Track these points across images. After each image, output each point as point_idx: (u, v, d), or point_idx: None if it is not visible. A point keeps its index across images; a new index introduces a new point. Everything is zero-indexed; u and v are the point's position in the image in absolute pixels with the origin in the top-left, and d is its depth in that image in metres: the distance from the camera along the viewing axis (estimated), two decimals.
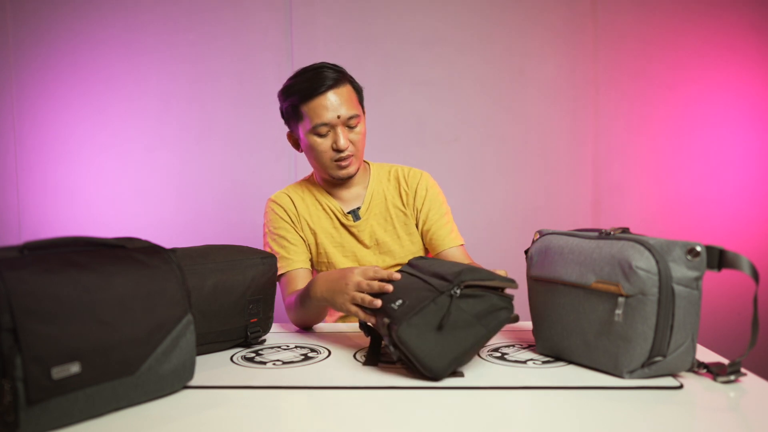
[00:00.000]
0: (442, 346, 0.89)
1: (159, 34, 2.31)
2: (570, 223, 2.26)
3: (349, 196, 1.45)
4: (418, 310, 0.89)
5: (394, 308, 0.92)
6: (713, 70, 2.28)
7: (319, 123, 1.33)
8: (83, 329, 0.73)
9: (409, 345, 0.88)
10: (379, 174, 1.49)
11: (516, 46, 2.30)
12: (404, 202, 1.46)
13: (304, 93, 1.33)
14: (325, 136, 1.35)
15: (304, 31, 2.30)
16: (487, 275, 0.93)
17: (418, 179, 1.47)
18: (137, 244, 0.87)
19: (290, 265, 1.39)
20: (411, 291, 0.95)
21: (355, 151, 1.37)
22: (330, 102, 1.32)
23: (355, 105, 1.36)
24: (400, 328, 0.88)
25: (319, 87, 1.32)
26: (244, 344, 1.12)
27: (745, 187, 2.29)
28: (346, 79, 1.37)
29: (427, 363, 0.88)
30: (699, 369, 0.89)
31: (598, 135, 2.31)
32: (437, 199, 1.46)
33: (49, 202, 2.35)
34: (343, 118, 1.34)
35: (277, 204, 1.44)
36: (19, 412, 0.68)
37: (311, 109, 1.33)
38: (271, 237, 1.43)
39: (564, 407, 0.79)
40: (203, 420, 0.77)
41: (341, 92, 1.34)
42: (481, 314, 0.91)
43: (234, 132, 2.33)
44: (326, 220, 1.44)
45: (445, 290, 0.91)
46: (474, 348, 0.91)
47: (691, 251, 0.84)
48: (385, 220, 1.45)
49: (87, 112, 2.33)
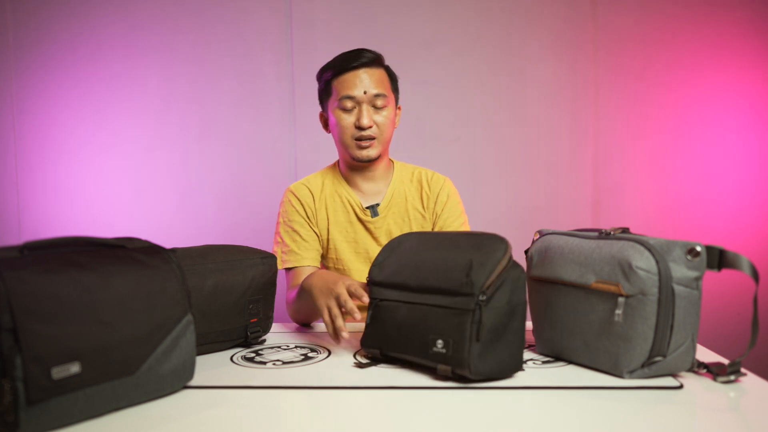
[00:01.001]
0: (508, 347, 0.88)
1: (159, 34, 2.31)
2: (570, 223, 2.26)
3: (370, 190, 1.45)
4: (469, 341, 0.85)
5: (442, 352, 0.87)
6: (713, 71, 2.28)
7: (345, 95, 1.35)
8: (83, 329, 0.73)
9: (488, 373, 0.86)
10: (402, 174, 1.49)
11: (516, 46, 2.30)
12: (424, 205, 1.46)
13: (337, 68, 1.37)
14: (350, 111, 1.36)
15: (304, 31, 2.30)
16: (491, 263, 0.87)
17: (441, 185, 1.47)
18: (137, 244, 0.87)
19: (298, 261, 1.40)
20: (440, 325, 0.88)
21: (379, 133, 1.37)
22: (359, 78, 1.35)
23: (385, 87, 1.38)
24: (472, 368, 0.84)
25: (352, 62, 1.36)
26: (244, 344, 1.12)
27: (745, 187, 2.29)
28: (381, 63, 1.40)
29: (508, 370, 0.89)
30: (699, 369, 0.89)
31: (598, 135, 2.31)
32: (457, 208, 1.46)
33: (49, 202, 2.35)
34: (369, 95, 1.35)
35: (295, 197, 1.44)
36: (19, 412, 0.68)
37: (340, 82, 1.36)
38: (284, 228, 1.43)
39: (564, 407, 0.79)
40: (203, 420, 0.77)
41: (373, 72, 1.37)
42: (512, 296, 0.88)
43: (234, 132, 2.33)
44: (343, 213, 1.44)
45: (474, 306, 0.85)
46: (524, 324, 0.90)
47: (691, 251, 0.84)
48: (402, 220, 1.44)
49: (87, 112, 2.33)
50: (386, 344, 0.97)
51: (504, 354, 0.87)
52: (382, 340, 0.97)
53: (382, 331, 0.97)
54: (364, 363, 0.99)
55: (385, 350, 0.97)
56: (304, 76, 2.30)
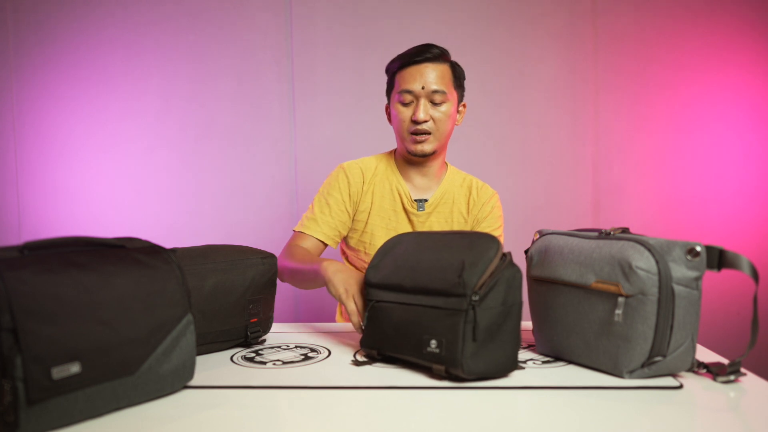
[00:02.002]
0: (502, 347, 0.88)
1: (159, 34, 2.31)
2: (570, 223, 2.26)
3: (421, 185, 1.47)
4: (462, 341, 0.86)
5: (435, 352, 0.88)
6: (713, 71, 2.28)
7: (404, 89, 1.37)
8: (83, 329, 0.73)
9: (482, 372, 0.87)
10: (455, 177, 1.51)
11: (516, 46, 2.30)
12: (468, 211, 1.48)
13: (403, 61, 1.39)
14: (408, 105, 1.38)
15: (304, 31, 2.30)
16: (483, 263, 0.87)
17: (489, 196, 1.49)
18: (137, 244, 0.87)
19: (313, 229, 1.42)
20: (434, 325, 0.89)
21: (435, 129, 1.38)
22: (420, 73, 1.37)
23: (446, 83, 1.38)
24: (465, 367, 0.85)
25: (416, 57, 1.37)
26: (244, 344, 1.12)
27: (745, 187, 2.29)
28: (446, 59, 1.41)
29: (502, 370, 0.89)
30: (699, 369, 0.89)
31: (598, 135, 2.31)
32: (497, 222, 1.48)
33: (49, 202, 2.35)
34: (428, 90, 1.36)
35: (345, 175, 1.46)
36: (19, 412, 0.68)
37: (402, 76, 1.39)
38: (320, 197, 1.46)
39: (564, 407, 0.79)
40: (203, 420, 0.77)
41: (436, 68, 1.37)
42: (506, 296, 0.88)
43: (234, 132, 2.33)
44: (389, 201, 1.45)
45: (466, 306, 0.86)
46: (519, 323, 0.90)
47: (691, 251, 0.84)
48: (446, 221, 1.46)
49: (87, 112, 2.33)
50: (383, 345, 0.98)
51: (498, 354, 0.88)
52: (379, 341, 0.98)
53: (379, 331, 0.98)
54: (361, 361, 1.00)
55: (382, 350, 0.98)
56: (303, 75, 2.30)
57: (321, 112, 2.32)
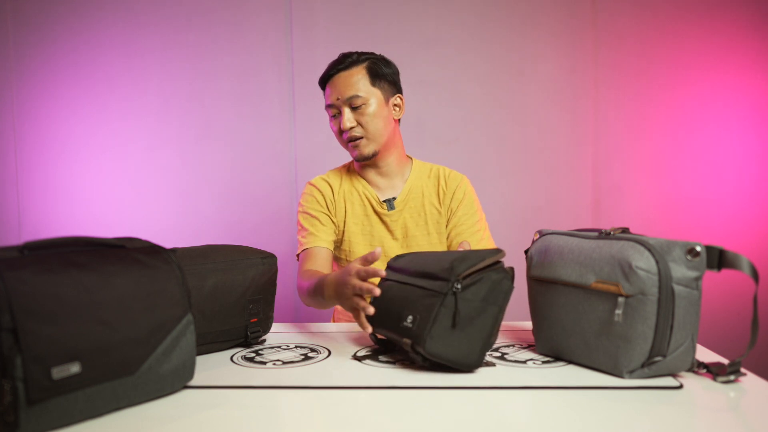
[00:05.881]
0: (468, 340, 0.91)
1: (159, 34, 2.31)
2: (570, 223, 2.26)
3: (385, 185, 1.47)
4: (432, 321, 0.90)
5: (409, 326, 0.93)
6: (713, 71, 2.28)
7: (327, 104, 1.41)
8: (83, 329, 0.73)
9: (441, 355, 0.90)
10: (420, 170, 1.50)
11: (516, 46, 2.30)
12: (440, 201, 1.47)
13: (321, 78, 1.43)
14: (336, 117, 1.40)
15: (304, 31, 2.30)
16: (477, 258, 0.93)
17: (458, 182, 1.47)
18: (137, 244, 0.87)
19: (314, 241, 1.41)
20: (415, 302, 0.95)
21: (365, 132, 1.38)
22: (334, 85, 1.39)
23: (360, 86, 1.37)
24: (426, 345, 0.89)
25: (331, 71, 1.40)
26: (244, 344, 1.12)
27: (745, 187, 2.29)
28: (359, 62, 1.40)
29: (462, 361, 0.91)
30: (699, 369, 0.89)
31: (598, 135, 2.31)
32: (472, 206, 1.47)
33: (49, 202, 2.35)
34: (343, 99, 1.37)
35: (315, 188, 1.48)
36: (19, 412, 0.68)
37: (325, 92, 1.43)
38: (303, 215, 1.46)
39: (564, 407, 0.79)
40: (203, 420, 0.77)
41: (348, 75, 1.38)
42: (487, 295, 0.92)
43: (234, 132, 2.33)
44: (360, 206, 1.46)
45: (447, 290, 0.91)
46: (495, 328, 0.93)
47: (691, 251, 0.84)
48: (418, 215, 1.46)
49: (87, 112, 2.33)
50: (373, 320, 1.02)
51: (462, 344, 0.91)
52: (375, 317, 1.02)
53: (376, 306, 1.01)
54: (360, 356, 1.03)
55: (374, 327, 1.02)
56: (303, 75, 2.30)
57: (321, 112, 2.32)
